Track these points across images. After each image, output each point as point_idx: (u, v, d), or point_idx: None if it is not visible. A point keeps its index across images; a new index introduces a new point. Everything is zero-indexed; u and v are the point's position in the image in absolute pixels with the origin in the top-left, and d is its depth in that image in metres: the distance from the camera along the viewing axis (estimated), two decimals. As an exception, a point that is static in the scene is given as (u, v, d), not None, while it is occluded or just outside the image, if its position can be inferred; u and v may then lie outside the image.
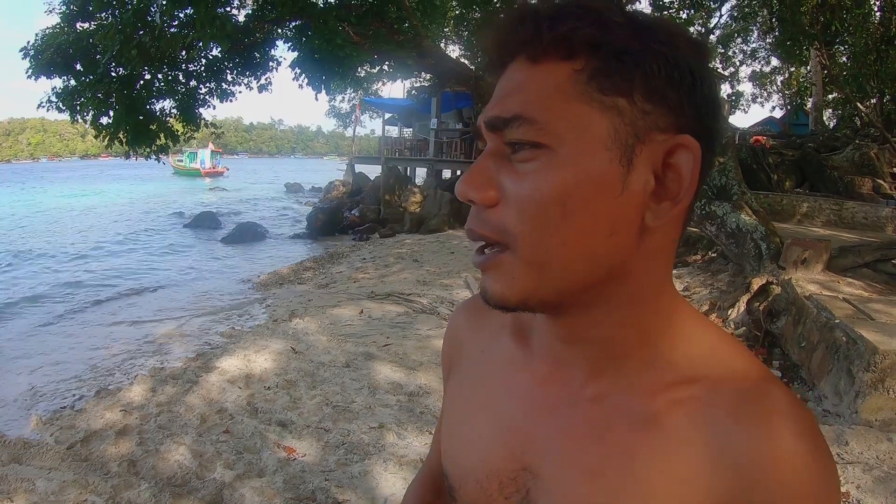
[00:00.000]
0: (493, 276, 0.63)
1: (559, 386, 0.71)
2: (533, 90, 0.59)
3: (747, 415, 0.61)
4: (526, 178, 0.59)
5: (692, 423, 0.63)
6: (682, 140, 0.60)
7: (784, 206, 12.34)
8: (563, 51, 0.59)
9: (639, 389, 0.66)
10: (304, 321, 7.50)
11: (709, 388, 0.63)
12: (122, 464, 4.19)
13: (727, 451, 0.60)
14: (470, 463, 0.76)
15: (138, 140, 12.06)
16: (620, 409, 0.66)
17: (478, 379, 0.81)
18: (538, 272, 0.61)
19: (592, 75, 0.58)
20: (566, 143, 0.58)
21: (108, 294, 11.05)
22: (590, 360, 0.69)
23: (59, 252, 16.69)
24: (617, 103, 0.58)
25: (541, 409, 0.72)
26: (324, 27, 11.22)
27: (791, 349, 5.39)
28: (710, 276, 7.58)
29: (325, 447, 4.32)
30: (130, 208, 30.44)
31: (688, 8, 20.97)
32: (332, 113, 44.99)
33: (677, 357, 0.66)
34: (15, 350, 7.60)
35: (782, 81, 36.85)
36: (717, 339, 0.68)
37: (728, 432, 0.61)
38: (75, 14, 10.86)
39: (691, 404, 0.63)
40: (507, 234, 0.61)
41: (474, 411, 0.79)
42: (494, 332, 0.81)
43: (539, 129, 0.59)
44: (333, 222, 19.33)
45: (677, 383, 0.65)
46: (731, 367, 0.65)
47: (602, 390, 0.68)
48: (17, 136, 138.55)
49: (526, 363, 0.75)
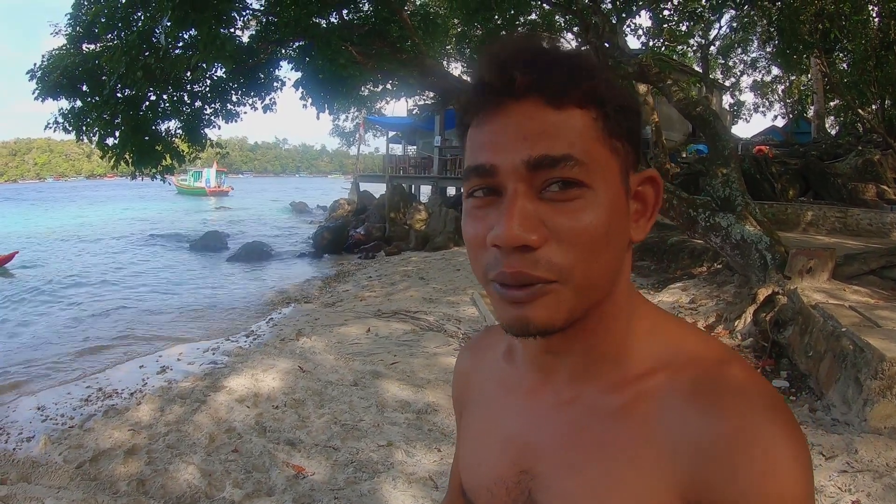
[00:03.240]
0: (540, 306, 0.67)
1: (545, 394, 0.79)
2: (572, 133, 0.66)
3: (703, 396, 0.66)
4: (574, 215, 0.66)
5: (656, 412, 0.68)
6: (650, 173, 0.75)
7: (788, 215, 12.35)
8: (583, 100, 0.67)
9: (608, 386, 0.73)
10: (312, 340, 7.51)
11: (670, 376, 0.70)
12: (130, 483, 4.20)
13: (687, 433, 0.65)
14: (482, 476, 0.84)
15: (144, 160, 12.10)
16: (593, 406, 0.74)
17: (483, 405, 0.89)
18: (585, 296, 0.69)
19: (605, 123, 0.68)
20: (601, 181, 0.67)
21: (114, 314, 11.07)
22: (570, 368, 0.77)
23: (65, 272, 16.75)
24: (618, 147, 0.69)
25: (531, 416, 0.80)
26: (327, 47, 11.28)
27: (799, 359, 5.39)
28: (715, 287, 7.57)
29: (333, 466, 4.33)
30: (135, 227, 30.52)
31: (687, 20, 21.03)
32: (335, 132, 45.21)
33: (642, 352, 0.74)
34: (22, 368, 7.62)
35: (783, 90, 36.95)
36: (679, 330, 0.76)
37: (686, 415, 0.66)
38: (81, 36, 10.93)
39: (655, 393, 0.70)
40: (559, 269, 0.66)
41: (483, 433, 0.87)
42: (491, 364, 0.91)
43: (585, 169, 0.66)
44: (339, 241, 19.34)
45: (642, 376, 0.72)
46: (691, 354, 0.72)
47: (577, 393, 0.76)
48: (23, 155, 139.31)
49: (516, 380, 0.84)
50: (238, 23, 11.77)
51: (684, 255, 10.29)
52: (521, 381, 0.83)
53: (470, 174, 0.70)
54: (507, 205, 0.66)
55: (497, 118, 0.68)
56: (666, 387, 0.69)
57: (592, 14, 11.03)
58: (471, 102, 0.71)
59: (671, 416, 0.67)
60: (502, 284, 0.68)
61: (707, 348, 0.73)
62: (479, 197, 0.70)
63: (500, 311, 0.70)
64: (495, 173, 0.67)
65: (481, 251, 0.70)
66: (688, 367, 0.70)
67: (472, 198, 0.71)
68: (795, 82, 32.29)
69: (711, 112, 8.43)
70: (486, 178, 0.68)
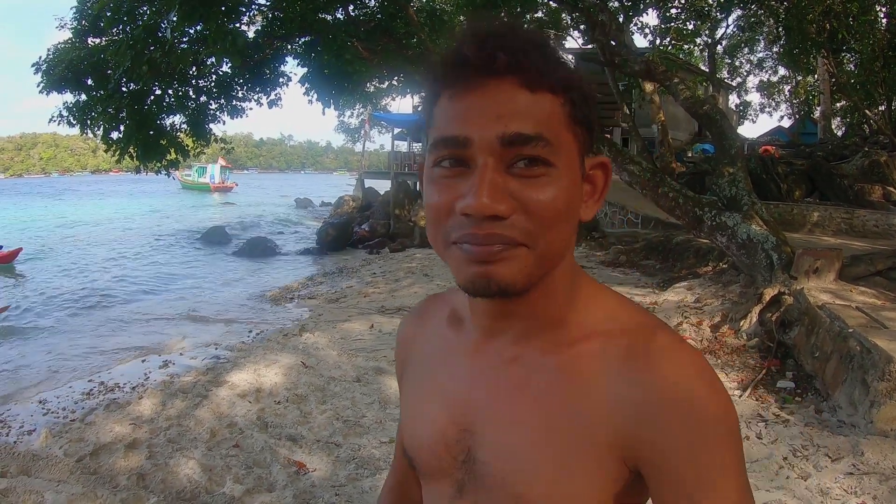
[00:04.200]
0: (504, 266, 0.72)
1: (487, 355, 0.84)
2: (544, 116, 0.71)
3: (634, 358, 0.74)
4: (540, 189, 0.71)
5: (592, 372, 0.76)
6: (602, 159, 0.82)
7: (794, 216, 12.29)
8: (556, 86, 0.73)
9: (548, 347, 0.80)
10: (315, 336, 7.50)
11: (606, 341, 0.77)
12: (131, 477, 4.18)
13: (621, 393, 0.73)
14: (424, 436, 0.89)
15: (149, 155, 12.08)
16: (535, 365, 0.80)
17: (425, 368, 0.94)
18: (544, 263, 0.75)
19: (571, 110, 0.74)
20: (563, 161, 0.73)
21: (117, 309, 11.08)
22: (515, 330, 0.82)
23: (69, 267, 16.77)
24: (578, 132, 0.76)
25: (473, 377, 0.85)
26: (333, 43, 11.25)
27: (804, 359, 5.34)
28: (721, 287, 7.53)
29: (335, 462, 4.31)
30: (140, 223, 30.56)
31: (694, 19, 20.98)
32: (341, 128, 45.18)
33: (581, 319, 0.81)
34: (25, 362, 7.61)
35: (790, 91, 36.83)
36: (615, 302, 0.83)
37: (620, 374, 0.74)
38: (87, 30, 10.92)
39: (592, 355, 0.77)
40: (529, 234, 0.71)
41: (425, 395, 0.92)
42: (434, 329, 0.96)
43: (552, 149, 0.71)
44: (343, 237, 19.34)
45: (580, 339, 0.79)
46: (626, 322, 0.79)
47: (520, 353, 0.82)
48: (28, 150, 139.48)
49: (460, 343, 0.89)
50: (244, 18, 11.74)
51: (689, 254, 10.24)
52: (465, 344, 0.88)
53: (440, 144, 0.73)
54: (478, 177, 0.70)
55: (474, 93, 0.71)
56: (602, 350, 0.77)
57: (599, 12, 10.97)
58: (447, 74, 0.73)
59: (607, 377, 0.75)
60: (471, 244, 0.71)
61: (639, 317, 0.80)
62: (446, 167, 0.73)
63: (462, 271, 0.74)
64: (468, 145, 0.71)
65: (445, 218, 0.74)
66: (622, 333, 0.77)
67: (440, 167, 0.74)
68: (802, 83, 32.20)
69: (718, 111, 8.37)
70: (457, 149, 0.72)
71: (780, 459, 3.92)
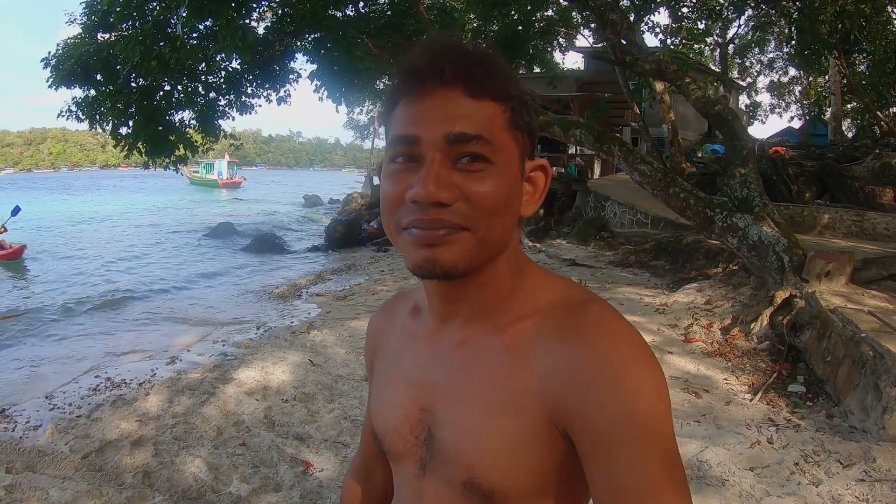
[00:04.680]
0: (448, 249, 0.81)
1: (442, 338, 0.93)
2: (485, 119, 0.81)
3: (567, 331, 0.81)
4: (480, 182, 0.80)
5: (530, 347, 0.84)
6: (542, 162, 0.91)
7: (804, 218, 12.21)
8: (498, 94, 0.82)
9: (493, 329, 0.88)
10: (323, 333, 7.48)
11: (542, 317, 0.86)
12: (136, 475, 4.16)
13: (553, 363, 0.80)
14: (390, 418, 0.97)
15: (157, 150, 12.11)
16: (480, 346, 0.88)
17: (391, 357, 1.03)
18: (486, 246, 0.83)
19: (513, 116, 0.84)
20: (502, 160, 0.82)
21: (124, 305, 11.08)
22: (463, 315, 0.91)
23: (79, 262, 16.82)
24: (518, 136, 0.85)
25: (430, 359, 0.94)
26: (342, 39, 11.24)
27: (816, 364, 5.29)
28: (731, 289, 7.47)
29: (342, 462, 4.28)
30: (148, 219, 30.63)
31: (706, 18, 20.87)
32: (350, 125, 45.27)
33: (522, 301, 0.89)
34: (33, 357, 7.62)
35: (800, 91, 36.66)
36: (555, 283, 0.91)
37: (552, 346, 0.82)
38: (96, 25, 10.93)
39: (529, 332, 0.85)
40: (470, 219, 0.80)
41: (391, 381, 1.01)
42: (399, 323, 1.05)
43: (491, 148, 0.81)
44: (352, 234, 19.28)
45: (522, 318, 0.87)
46: (562, 298, 0.87)
47: (468, 335, 0.90)
48: (37, 145, 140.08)
49: (420, 330, 0.98)
50: (254, 14, 11.73)
51: (700, 255, 10.17)
52: (424, 331, 0.97)
53: (395, 142, 0.83)
54: (425, 169, 0.79)
55: (424, 99, 0.81)
56: (538, 326, 0.85)
57: (610, 10, 10.90)
58: (404, 83, 0.84)
59: (541, 350, 0.82)
60: (418, 228, 0.80)
61: (575, 293, 0.88)
62: (399, 163, 0.83)
63: (410, 254, 0.83)
64: (418, 143, 0.81)
65: (397, 207, 0.83)
66: (556, 309, 0.85)
67: (394, 163, 0.84)
68: (813, 83, 32.04)
69: (730, 111, 8.31)
70: (409, 146, 0.81)
71: (791, 465, 3.87)
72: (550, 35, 14.80)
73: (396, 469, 0.99)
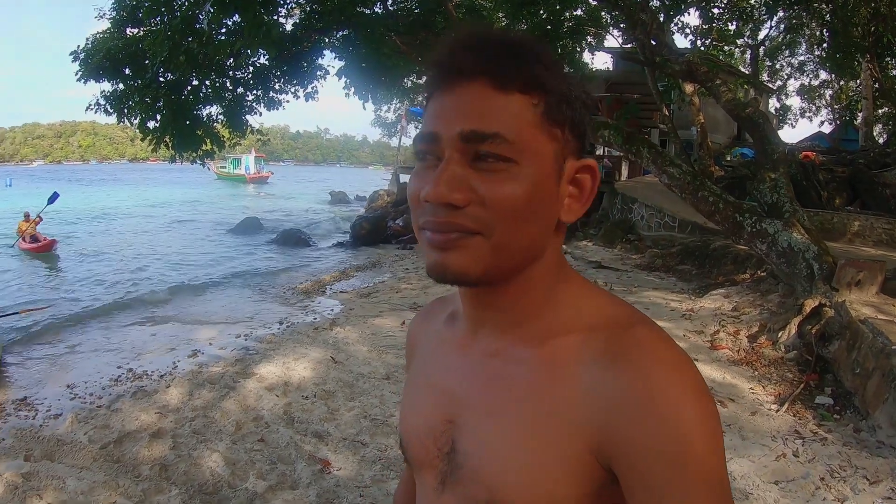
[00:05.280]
0: (459, 254, 0.76)
1: (471, 348, 0.87)
2: (507, 115, 0.74)
3: (612, 352, 0.74)
4: (498, 184, 0.74)
5: (570, 364, 0.76)
6: (588, 162, 0.82)
7: (834, 225, 12.02)
8: (527, 86, 0.76)
9: (531, 341, 0.81)
10: (345, 330, 7.47)
11: (585, 334, 0.78)
12: (153, 467, 4.17)
13: (597, 387, 0.73)
14: (414, 427, 0.92)
15: (184, 145, 12.20)
16: (515, 359, 0.82)
17: (422, 363, 0.98)
18: (502, 253, 0.76)
19: (545, 110, 0.76)
20: (528, 160, 0.75)
21: (148, 297, 11.15)
22: (496, 323, 0.84)
23: (107, 255, 16.99)
24: (555, 133, 0.77)
25: (459, 368, 0.88)
26: (371, 37, 11.23)
27: (844, 375, 5.17)
28: (759, 296, 7.35)
29: (361, 462, 4.25)
30: (177, 212, 30.91)
31: (736, 19, 20.61)
32: (377, 122, 45.38)
33: (563, 314, 0.81)
34: (55, 347, 7.68)
35: (831, 95, 36.12)
36: (599, 298, 0.83)
37: (597, 369, 0.74)
38: (125, 20, 11.03)
39: (570, 348, 0.77)
40: (483, 223, 0.74)
41: (419, 388, 0.96)
42: (436, 328, 0.99)
43: (512, 147, 0.74)
44: (377, 231, 19.25)
45: (562, 332, 0.79)
46: (605, 317, 0.79)
47: (502, 346, 0.83)
48: (67, 138, 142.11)
49: (452, 337, 0.92)
50: (282, 10, 11.77)
51: (727, 260, 10.02)
52: (456, 338, 0.91)
53: (419, 139, 0.79)
54: (440, 168, 0.75)
55: (447, 94, 0.77)
56: (581, 345, 0.77)
57: (640, 10, 10.79)
58: (429, 80, 0.81)
59: (584, 371, 0.75)
60: (430, 230, 0.76)
61: (621, 312, 0.80)
62: (424, 161, 0.79)
63: (425, 256, 0.79)
64: (437, 140, 0.76)
65: (416, 206, 0.79)
66: (602, 328, 0.77)
67: (420, 161, 0.80)
68: (844, 87, 31.56)
69: (761, 114, 8.18)
70: (430, 144, 0.77)
71: (816, 480, 3.78)
72: (579, 35, 14.65)
73: (418, 479, 0.94)
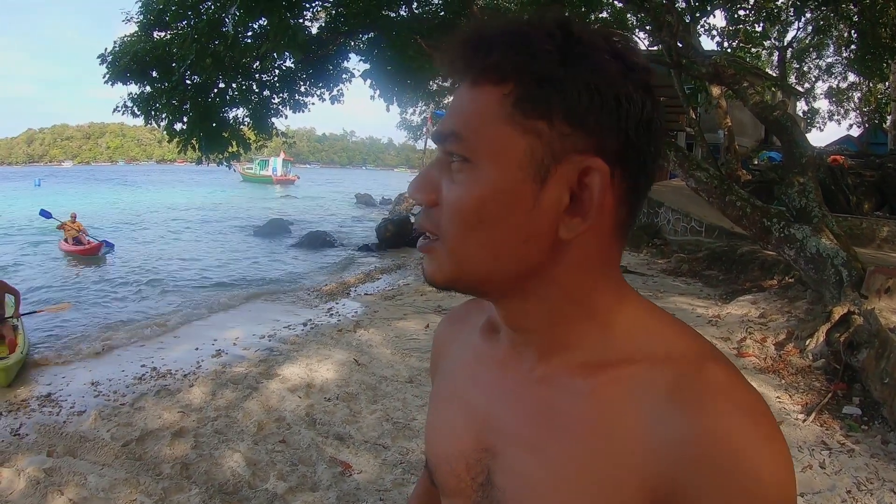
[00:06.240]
0: (429, 260, 0.72)
1: (513, 370, 0.77)
2: (468, 111, 0.67)
3: (682, 393, 0.64)
4: (456, 186, 0.68)
5: (630, 400, 0.66)
6: (591, 162, 0.65)
7: (863, 230, 11.85)
8: (495, 76, 0.66)
9: (582, 370, 0.70)
10: (369, 332, 7.47)
11: (648, 367, 0.67)
12: (175, 466, 4.20)
13: (661, 428, 0.63)
14: (443, 449, 0.83)
15: (211, 147, 12.32)
16: (564, 388, 0.71)
17: (452, 376, 0.88)
18: (459, 264, 0.70)
19: (517, 100, 0.65)
20: (485, 160, 0.66)
21: (172, 297, 11.25)
22: (537, 346, 0.74)
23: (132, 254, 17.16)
24: (536, 126, 0.65)
25: (498, 393, 0.78)
26: (396, 39, 11.27)
27: (873, 385, 5.07)
28: (787, 302, 7.24)
29: (382, 465, 4.24)
30: (205, 214, 31.19)
31: (763, 21, 20.39)
32: (402, 125, 45.53)
33: (621, 341, 0.70)
34: (81, 346, 7.75)
35: (859, 98, 35.58)
36: (662, 324, 0.72)
37: (662, 410, 0.64)
38: (152, 23, 11.15)
39: (630, 382, 0.67)
40: (440, 229, 0.69)
41: (447, 403, 0.86)
42: (468, 334, 0.89)
43: (466, 145, 0.66)
44: (402, 234, 19.26)
45: (619, 363, 0.69)
46: (673, 347, 0.68)
47: (549, 372, 0.73)
48: (96, 139, 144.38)
49: (489, 354, 0.82)
50: (307, 13, 11.84)
51: (755, 266, 9.89)
52: (494, 354, 0.81)
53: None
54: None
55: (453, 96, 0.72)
56: (643, 378, 0.67)
57: (666, 12, 10.70)
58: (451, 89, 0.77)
59: (646, 410, 0.65)
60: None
61: (689, 343, 0.70)
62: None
63: None
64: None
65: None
66: (667, 361, 0.67)
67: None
68: (873, 90, 31.10)
69: (789, 117, 8.06)
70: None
71: (843, 492, 3.70)
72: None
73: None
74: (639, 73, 0.66)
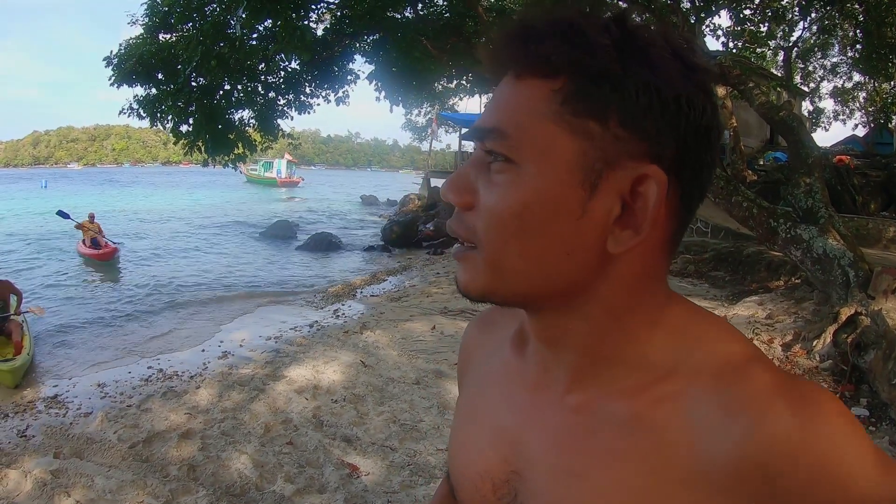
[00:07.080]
0: (463, 268, 0.65)
1: (546, 391, 0.71)
2: (511, 106, 0.61)
3: (732, 401, 0.58)
4: (495, 188, 0.61)
5: (677, 420, 0.60)
6: (648, 170, 0.59)
7: (869, 230, 11.81)
8: (544, 70, 0.59)
9: (621, 393, 0.64)
10: (375, 334, 7.48)
11: (689, 379, 0.61)
12: (181, 468, 4.21)
13: (721, 443, 0.57)
14: (467, 465, 0.78)
15: (217, 148, 12.34)
16: (603, 413, 0.65)
17: (479, 388, 0.82)
18: (496, 274, 0.63)
19: (567, 97, 0.59)
20: (530, 161, 0.59)
21: (179, 300, 11.26)
22: (571, 365, 0.68)
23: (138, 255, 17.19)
24: (588, 127, 0.58)
25: (529, 414, 0.72)
26: (401, 41, 11.27)
27: (880, 386, 5.05)
28: (793, 303, 7.22)
29: (389, 467, 4.24)
30: (208, 215, 31.23)
31: (768, 21, 20.35)
32: (408, 126, 45.48)
33: (659, 355, 0.64)
34: (86, 347, 7.78)
35: (865, 98, 35.48)
36: (702, 329, 0.66)
37: (716, 424, 0.58)
38: (157, 25, 11.18)
39: (673, 399, 0.61)
40: (475, 236, 0.63)
41: (473, 417, 0.80)
42: (498, 344, 0.83)
43: (509, 144, 0.60)
44: (408, 235, 19.29)
45: (658, 380, 0.63)
46: (712, 354, 0.63)
47: (586, 398, 0.67)
48: (101, 141, 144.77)
49: (520, 371, 0.76)
50: (313, 15, 11.86)
51: (761, 267, 9.87)
52: (525, 373, 0.75)
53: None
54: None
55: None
56: (687, 392, 0.61)
57: (671, 13, 10.70)
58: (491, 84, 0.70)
59: (699, 424, 0.59)
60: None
61: (728, 347, 0.63)
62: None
63: None
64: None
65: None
66: (707, 368, 0.61)
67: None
68: (878, 89, 30.99)
69: (795, 117, 8.04)
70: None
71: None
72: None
73: None
74: (700, 74, 0.61)
